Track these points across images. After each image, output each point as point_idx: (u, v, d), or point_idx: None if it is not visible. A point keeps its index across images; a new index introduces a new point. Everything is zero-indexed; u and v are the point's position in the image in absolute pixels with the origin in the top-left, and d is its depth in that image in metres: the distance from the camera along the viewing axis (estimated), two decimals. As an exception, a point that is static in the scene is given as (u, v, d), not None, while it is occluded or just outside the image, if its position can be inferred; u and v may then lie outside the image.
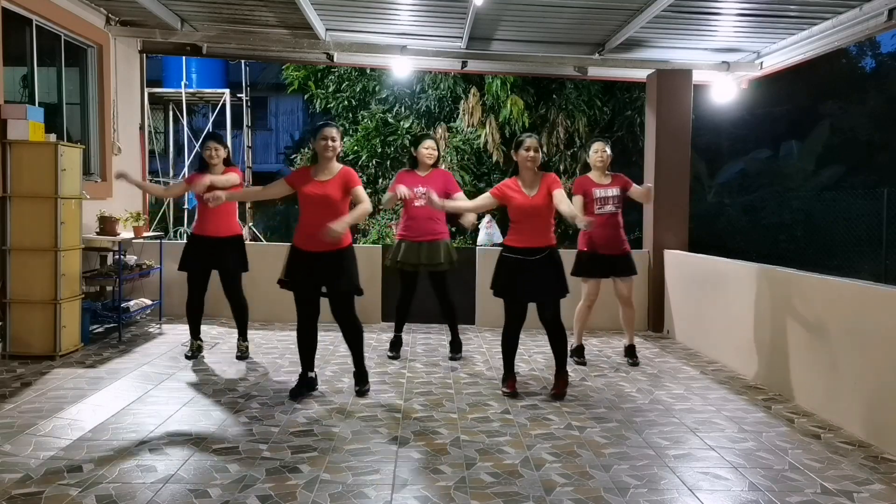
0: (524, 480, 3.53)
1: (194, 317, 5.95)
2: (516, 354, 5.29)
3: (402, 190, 5.56)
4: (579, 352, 6.22)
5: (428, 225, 5.93)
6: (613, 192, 6.01)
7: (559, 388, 5.05)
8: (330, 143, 4.75)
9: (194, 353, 5.93)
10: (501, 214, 7.35)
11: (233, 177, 5.71)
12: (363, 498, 3.29)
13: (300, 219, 4.86)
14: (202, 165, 5.84)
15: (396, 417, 4.49)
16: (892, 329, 4.09)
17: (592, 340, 7.16)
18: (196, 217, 6.03)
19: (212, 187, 5.36)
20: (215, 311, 7.60)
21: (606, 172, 6.08)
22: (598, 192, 5.98)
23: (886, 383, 4.13)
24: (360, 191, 4.78)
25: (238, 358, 5.96)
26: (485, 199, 5.20)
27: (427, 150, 5.98)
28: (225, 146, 5.89)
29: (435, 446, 3.98)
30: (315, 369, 5.08)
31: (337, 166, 4.83)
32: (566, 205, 4.92)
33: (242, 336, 6.05)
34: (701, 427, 4.45)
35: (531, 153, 4.96)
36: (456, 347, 6.28)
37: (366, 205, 4.73)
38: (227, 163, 5.90)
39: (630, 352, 6.27)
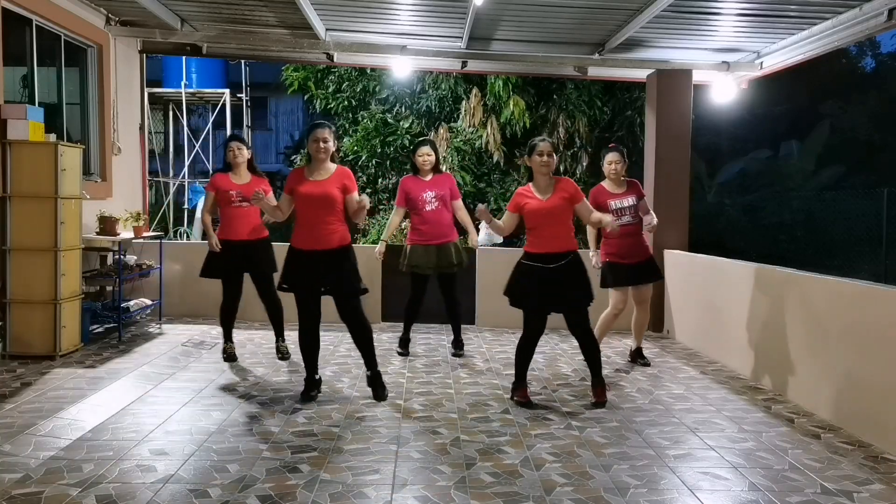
0: (524, 480, 3.53)
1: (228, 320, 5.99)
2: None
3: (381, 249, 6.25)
4: None
5: (439, 228, 6.07)
6: (629, 201, 5.89)
7: (599, 397, 4.88)
8: (322, 144, 4.75)
9: (230, 356, 5.92)
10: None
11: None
12: (363, 498, 3.29)
13: (297, 220, 4.84)
14: (226, 167, 5.88)
15: (396, 417, 4.49)
16: (893, 329, 4.09)
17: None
18: (221, 222, 5.89)
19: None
20: (215, 312, 7.62)
21: (622, 179, 5.99)
22: (615, 204, 5.85)
23: (886, 383, 4.13)
24: (356, 196, 4.81)
25: (280, 359, 5.97)
26: (507, 217, 4.99)
27: (422, 157, 6.14)
28: (248, 147, 5.96)
29: (435, 446, 3.98)
30: (319, 371, 5.05)
31: (332, 166, 4.83)
32: (588, 211, 4.92)
33: (280, 336, 6.09)
34: (701, 427, 4.45)
35: (545, 158, 4.81)
36: (459, 345, 6.43)
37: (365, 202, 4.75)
38: (252, 168, 5.89)
39: (638, 354, 6.27)
